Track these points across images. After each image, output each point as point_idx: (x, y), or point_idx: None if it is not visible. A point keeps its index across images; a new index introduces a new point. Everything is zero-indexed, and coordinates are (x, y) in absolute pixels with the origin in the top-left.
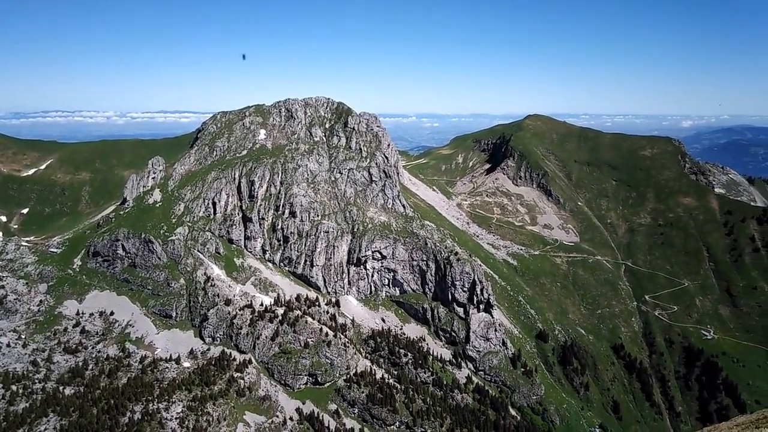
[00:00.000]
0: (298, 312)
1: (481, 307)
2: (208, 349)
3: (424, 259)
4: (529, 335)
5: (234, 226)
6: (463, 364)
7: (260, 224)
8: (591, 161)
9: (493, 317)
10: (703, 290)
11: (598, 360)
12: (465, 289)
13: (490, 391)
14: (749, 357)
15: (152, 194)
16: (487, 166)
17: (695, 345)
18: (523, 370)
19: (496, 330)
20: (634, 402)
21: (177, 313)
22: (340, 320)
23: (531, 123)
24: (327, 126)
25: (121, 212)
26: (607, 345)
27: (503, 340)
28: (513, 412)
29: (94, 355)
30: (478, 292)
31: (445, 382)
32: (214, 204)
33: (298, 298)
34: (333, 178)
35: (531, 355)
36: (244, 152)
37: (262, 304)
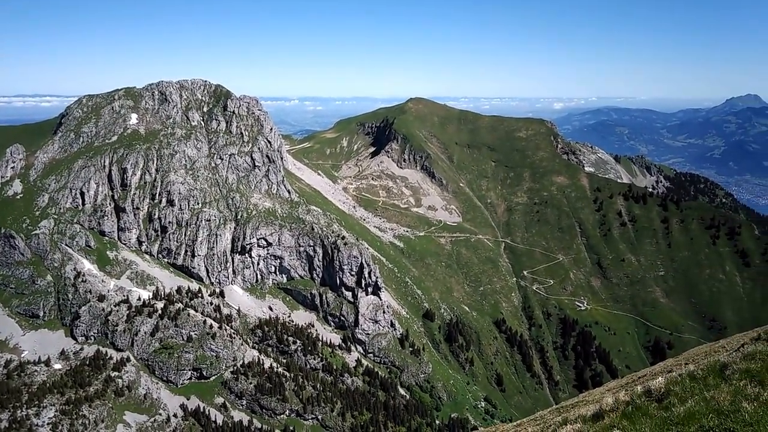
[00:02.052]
0: (179, 305)
1: (370, 290)
2: (82, 349)
3: (311, 244)
4: (416, 315)
5: (106, 217)
6: (353, 348)
7: (135, 214)
8: (471, 143)
9: (381, 299)
10: (577, 264)
11: (481, 335)
12: (353, 273)
13: (380, 373)
14: (619, 325)
15: (11, 185)
16: (372, 149)
17: (570, 316)
18: (411, 349)
19: (384, 312)
20: (516, 374)
21: (45, 313)
22: (225, 311)
23: (413, 106)
24: (205, 110)
25: None
26: (489, 320)
27: (391, 321)
28: (402, 391)
29: None
30: (366, 276)
31: (335, 367)
32: (82, 194)
33: (179, 290)
34: (213, 164)
35: (418, 334)
36: (115, 138)
37: (139, 299)
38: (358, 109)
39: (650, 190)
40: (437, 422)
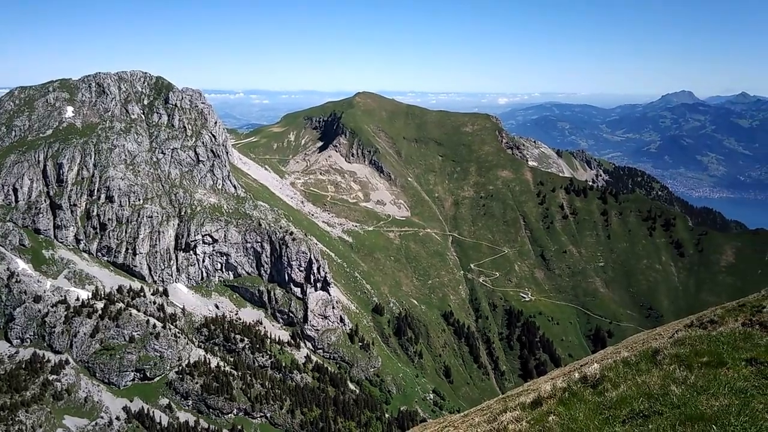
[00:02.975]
0: (120, 305)
1: (319, 285)
2: (17, 352)
3: (259, 240)
4: (365, 310)
5: (41, 215)
6: (302, 344)
7: (72, 211)
8: (419, 138)
9: (330, 295)
10: (521, 256)
11: (430, 328)
12: (301, 268)
13: (330, 368)
14: (562, 315)
15: None
16: (320, 143)
17: (515, 307)
18: (360, 344)
19: (333, 307)
20: (463, 365)
21: None
22: (170, 310)
23: (361, 100)
24: (145, 102)
25: None
26: (437, 313)
27: (341, 316)
28: (352, 386)
29: None
30: (315, 271)
31: (284, 364)
32: (15, 190)
33: (120, 289)
34: (155, 159)
35: (368, 329)
36: (50, 132)
37: (78, 299)
38: (305, 103)
39: (590, 183)
40: (387, 416)
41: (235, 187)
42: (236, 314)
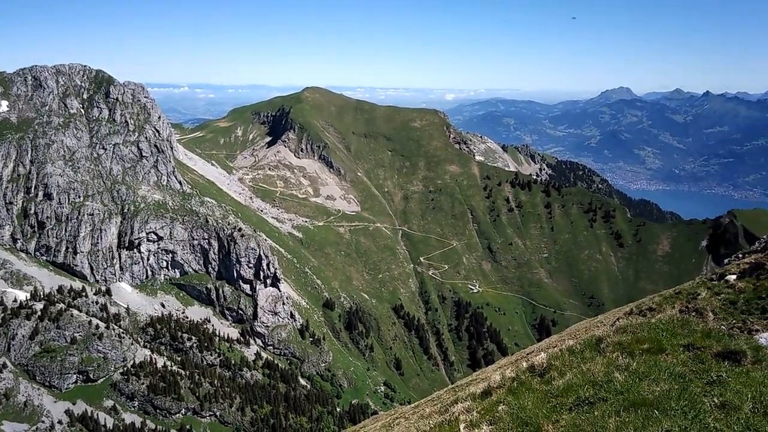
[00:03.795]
0: (61, 305)
1: (268, 282)
2: None
3: (206, 237)
4: (316, 305)
5: None
6: (252, 341)
7: (8, 209)
8: (368, 133)
9: (280, 291)
10: (469, 249)
11: (380, 322)
12: (251, 265)
13: (280, 365)
14: (508, 305)
15: None
16: (268, 138)
17: (464, 299)
18: (311, 339)
19: (284, 303)
20: (413, 357)
21: None
22: (113, 310)
23: (309, 95)
24: (85, 97)
25: None
26: (388, 306)
27: (291, 312)
28: (303, 381)
29: None
30: (265, 267)
31: (233, 362)
32: None
33: (60, 290)
34: (96, 155)
35: (319, 324)
36: None
37: (15, 300)
38: (252, 97)
39: (535, 177)
40: (338, 410)
41: (180, 183)
42: (183, 313)
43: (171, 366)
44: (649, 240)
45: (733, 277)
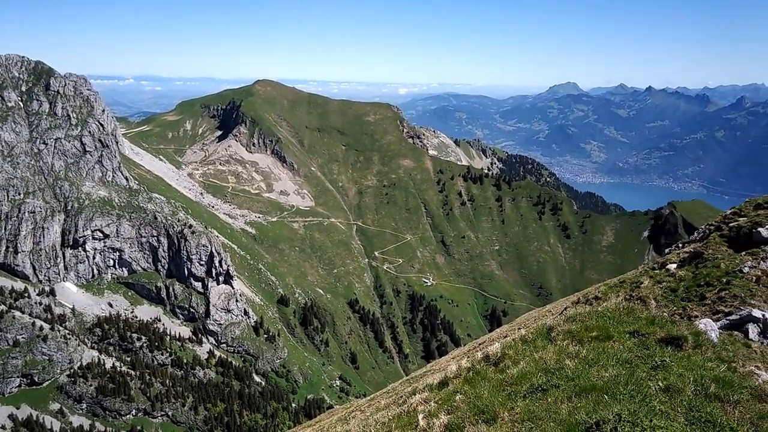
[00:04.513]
0: (2, 307)
1: (221, 279)
2: None
3: (155, 234)
4: (270, 301)
5: None
6: (204, 340)
7: None
8: (321, 127)
9: (233, 288)
10: (423, 242)
11: (336, 316)
12: (202, 262)
13: (234, 362)
14: (461, 297)
15: None
16: (219, 133)
17: (418, 292)
18: (266, 336)
19: (237, 301)
20: (369, 351)
21: None
22: (58, 311)
23: (261, 88)
24: (23, 89)
25: None
26: (343, 301)
27: (245, 309)
28: (258, 378)
29: None
30: (217, 265)
31: (185, 361)
32: None
33: (1, 291)
34: (36, 150)
35: (273, 320)
36: None
37: None
38: (201, 90)
39: (486, 171)
40: (294, 405)
41: (126, 179)
42: (132, 312)
43: (120, 367)
44: (594, 231)
45: (674, 266)
